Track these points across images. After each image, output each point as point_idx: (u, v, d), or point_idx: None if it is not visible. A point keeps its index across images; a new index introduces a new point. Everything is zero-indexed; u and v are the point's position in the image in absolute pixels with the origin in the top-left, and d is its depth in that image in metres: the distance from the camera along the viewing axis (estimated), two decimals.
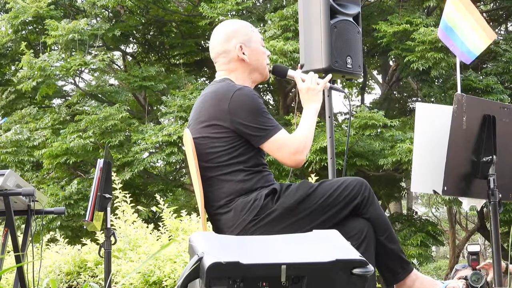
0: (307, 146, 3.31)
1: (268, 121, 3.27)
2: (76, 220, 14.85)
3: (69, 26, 14.70)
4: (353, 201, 3.22)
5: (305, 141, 3.31)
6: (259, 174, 3.30)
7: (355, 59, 4.78)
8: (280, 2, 15.54)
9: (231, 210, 3.22)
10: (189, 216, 6.58)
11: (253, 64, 3.44)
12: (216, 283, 2.41)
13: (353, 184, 3.24)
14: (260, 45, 3.49)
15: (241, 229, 3.20)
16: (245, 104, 3.24)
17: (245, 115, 3.23)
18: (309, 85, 3.46)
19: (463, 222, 23.13)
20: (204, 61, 18.50)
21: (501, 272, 3.52)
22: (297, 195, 3.22)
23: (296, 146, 3.28)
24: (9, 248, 5.07)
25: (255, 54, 3.45)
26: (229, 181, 3.25)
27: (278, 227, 3.17)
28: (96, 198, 4.16)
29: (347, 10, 4.80)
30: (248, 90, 3.31)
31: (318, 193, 3.23)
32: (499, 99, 13.67)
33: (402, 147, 13.20)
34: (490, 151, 3.52)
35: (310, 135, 3.35)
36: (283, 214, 3.19)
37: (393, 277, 3.32)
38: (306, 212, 3.21)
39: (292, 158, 3.28)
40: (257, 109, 3.26)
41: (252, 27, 3.56)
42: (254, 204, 3.19)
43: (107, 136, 14.49)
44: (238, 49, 3.41)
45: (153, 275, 5.63)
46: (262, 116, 3.26)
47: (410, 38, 13.83)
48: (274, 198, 3.22)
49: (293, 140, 3.29)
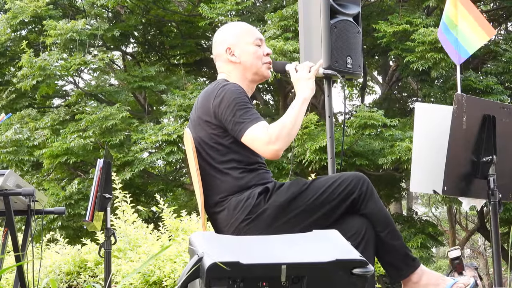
0: (282, 135, 3.18)
1: (245, 114, 3.22)
2: (76, 220, 14.86)
3: (67, 26, 14.70)
4: (350, 197, 3.15)
5: (280, 130, 3.18)
6: (254, 172, 3.28)
7: (355, 59, 4.77)
8: (280, 2, 15.54)
9: (225, 209, 3.23)
10: (189, 216, 6.59)
11: (244, 64, 3.44)
12: (216, 283, 2.41)
13: (349, 179, 3.18)
14: (251, 45, 3.46)
15: (234, 228, 3.19)
16: (225, 99, 3.26)
17: (224, 110, 3.24)
18: (301, 74, 3.40)
19: (463, 222, 23.13)
20: (204, 61, 18.51)
21: (501, 272, 3.52)
22: (288, 193, 3.18)
23: (269, 136, 3.17)
24: (9, 248, 5.07)
25: (245, 54, 3.45)
26: (224, 179, 3.25)
27: (271, 226, 3.15)
28: (96, 198, 4.16)
29: (347, 10, 4.80)
30: (232, 85, 3.32)
31: (311, 190, 3.19)
32: (499, 99, 13.67)
33: (401, 146, 13.21)
34: (490, 151, 3.52)
35: (290, 124, 3.21)
36: (275, 213, 3.16)
37: (397, 273, 3.24)
38: (298, 211, 3.16)
39: (265, 149, 3.19)
40: (236, 103, 3.24)
41: (246, 27, 3.55)
42: (246, 203, 3.18)
43: (107, 136, 14.49)
44: (227, 52, 3.47)
45: (153, 275, 5.63)
46: (240, 109, 3.22)
47: (410, 38, 13.84)
48: (266, 197, 3.19)
49: (268, 130, 3.18)
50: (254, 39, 3.49)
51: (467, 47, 7.17)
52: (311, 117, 14.43)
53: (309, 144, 13.39)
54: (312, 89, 3.38)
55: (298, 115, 3.26)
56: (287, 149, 14.80)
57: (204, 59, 18.42)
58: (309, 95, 3.36)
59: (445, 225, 24.48)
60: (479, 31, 7.12)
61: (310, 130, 13.88)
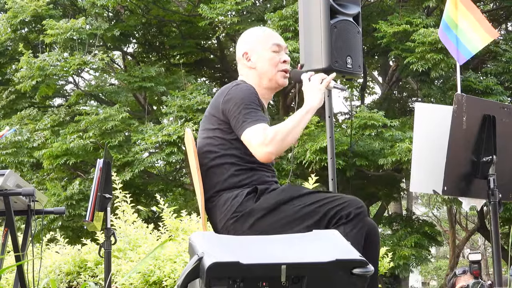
0: (277, 139, 3.14)
1: (249, 113, 3.21)
2: (77, 221, 14.86)
3: (66, 25, 14.70)
4: (337, 215, 3.05)
5: (275, 134, 3.15)
6: (252, 171, 3.27)
7: (355, 59, 4.77)
8: (280, 2, 15.54)
9: (216, 204, 3.23)
10: (189, 216, 6.58)
11: (260, 70, 3.43)
12: (216, 283, 2.41)
13: (345, 199, 3.09)
14: (268, 51, 3.44)
15: (223, 225, 3.19)
16: (235, 97, 3.26)
17: (232, 106, 3.25)
18: (313, 84, 3.39)
19: (463, 222, 23.14)
20: (204, 61, 18.51)
21: (501, 272, 3.52)
22: (278, 197, 3.15)
23: (263, 138, 3.15)
24: (9, 248, 5.07)
25: (261, 61, 3.44)
26: (219, 174, 3.26)
27: (254, 227, 3.12)
28: (96, 198, 4.16)
29: (347, 10, 4.80)
30: (245, 85, 3.33)
31: (302, 199, 3.13)
32: (499, 100, 13.68)
33: (401, 147, 13.21)
34: (490, 151, 3.52)
35: (287, 130, 3.18)
36: (260, 214, 3.13)
37: None
38: (282, 216, 3.11)
39: (258, 150, 3.16)
40: (243, 102, 3.24)
41: (267, 33, 3.53)
42: (234, 201, 3.18)
43: (107, 137, 14.49)
44: (244, 57, 3.47)
45: (153, 275, 5.63)
46: (246, 108, 3.22)
47: (410, 39, 13.84)
48: (255, 198, 3.17)
49: (264, 132, 3.16)
50: (271, 45, 3.46)
51: (470, 47, 7.15)
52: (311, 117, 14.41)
53: (309, 145, 13.39)
54: (320, 100, 3.35)
55: (298, 123, 3.23)
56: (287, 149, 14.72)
57: (204, 59, 18.42)
58: (316, 105, 3.33)
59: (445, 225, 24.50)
60: (482, 32, 7.10)
61: (310, 130, 13.88)
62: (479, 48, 7.31)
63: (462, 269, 5.64)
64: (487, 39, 7.20)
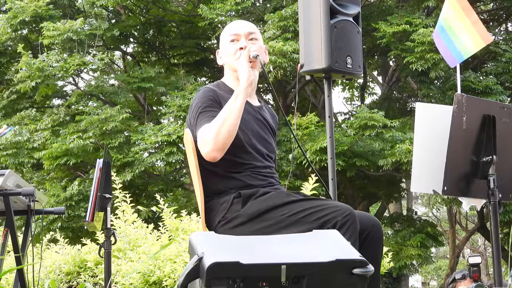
0: (210, 138, 3.03)
1: (198, 118, 3.14)
2: (76, 221, 14.87)
3: (64, 26, 14.70)
4: (325, 225, 2.90)
5: (208, 133, 3.05)
6: (239, 174, 3.20)
7: (355, 59, 4.77)
8: (280, 2, 15.54)
9: (207, 210, 3.21)
10: (189, 216, 6.59)
11: (227, 65, 3.37)
12: (216, 283, 2.40)
13: (333, 208, 2.93)
14: (228, 44, 3.34)
15: (214, 230, 3.13)
16: (192, 104, 3.23)
17: (190, 114, 3.22)
18: (238, 63, 3.24)
19: (463, 222, 23.15)
20: (203, 61, 18.51)
21: (501, 272, 3.52)
22: (264, 203, 3.06)
23: (201, 141, 3.08)
24: (9, 248, 5.07)
25: (225, 56, 3.36)
26: (210, 180, 3.22)
27: (240, 232, 3.02)
28: (96, 198, 4.16)
29: (347, 10, 4.80)
30: (202, 90, 3.26)
31: (290, 206, 3.01)
32: (499, 100, 13.69)
33: (401, 148, 13.21)
34: (490, 151, 3.52)
35: (218, 125, 3.03)
36: (245, 220, 3.07)
37: None
38: (268, 223, 3.02)
39: (202, 153, 3.08)
40: (197, 107, 3.18)
41: (228, 27, 3.43)
42: (222, 206, 3.13)
43: (107, 137, 14.49)
44: (217, 56, 3.44)
45: (153, 275, 5.63)
46: (199, 113, 3.15)
47: (410, 38, 13.85)
48: (241, 203, 3.10)
49: (200, 134, 3.09)
50: (228, 36, 3.34)
51: (462, 51, 7.15)
52: (312, 118, 14.44)
53: (309, 145, 13.39)
54: (246, 78, 3.13)
55: (230, 112, 3.05)
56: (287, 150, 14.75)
57: (204, 59, 18.42)
58: (243, 85, 3.12)
59: (445, 225, 24.49)
60: (476, 37, 7.09)
61: (310, 130, 13.89)
62: (471, 52, 7.30)
63: (461, 273, 5.61)
64: (480, 44, 7.17)
